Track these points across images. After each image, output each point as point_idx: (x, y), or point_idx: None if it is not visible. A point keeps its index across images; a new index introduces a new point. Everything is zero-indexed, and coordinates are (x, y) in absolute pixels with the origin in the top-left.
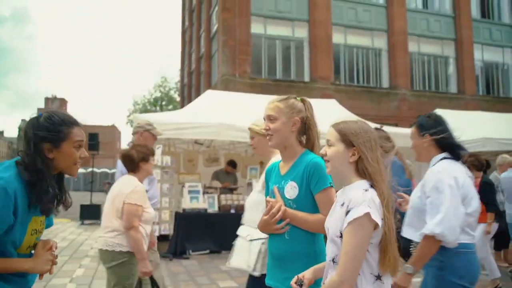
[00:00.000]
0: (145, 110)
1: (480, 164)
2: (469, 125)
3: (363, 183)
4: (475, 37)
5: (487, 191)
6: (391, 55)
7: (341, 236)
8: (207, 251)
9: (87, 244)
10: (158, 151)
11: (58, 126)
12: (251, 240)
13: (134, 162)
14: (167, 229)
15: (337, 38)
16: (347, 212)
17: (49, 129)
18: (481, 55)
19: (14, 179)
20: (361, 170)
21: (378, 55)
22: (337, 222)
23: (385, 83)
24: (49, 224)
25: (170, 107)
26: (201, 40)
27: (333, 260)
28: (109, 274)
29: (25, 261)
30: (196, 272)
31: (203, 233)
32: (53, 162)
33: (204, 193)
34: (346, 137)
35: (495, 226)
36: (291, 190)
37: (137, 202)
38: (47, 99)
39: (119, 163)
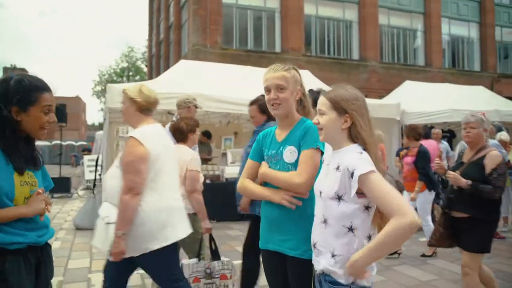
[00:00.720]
0: (111, 81)
1: (417, 134)
2: (437, 97)
3: (356, 147)
4: (442, 11)
5: (420, 160)
6: (362, 28)
7: (336, 198)
8: None
9: (60, 217)
10: None
11: (27, 91)
12: (107, 223)
13: (184, 133)
14: None
15: (309, 9)
16: (352, 174)
17: (19, 93)
18: (448, 29)
19: None
20: (354, 136)
21: (349, 27)
22: (334, 184)
23: (356, 55)
24: (48, 186)
25: (137, 78)
26: (170, 9)
27: (325, 221)
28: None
29: (20, 207)
30: None
31: None
32: (20, 125)
33: None
34: (338, 105)
35: (430, 195)
36: (290, 154)
37: (197, 168)
38: (5, 69)
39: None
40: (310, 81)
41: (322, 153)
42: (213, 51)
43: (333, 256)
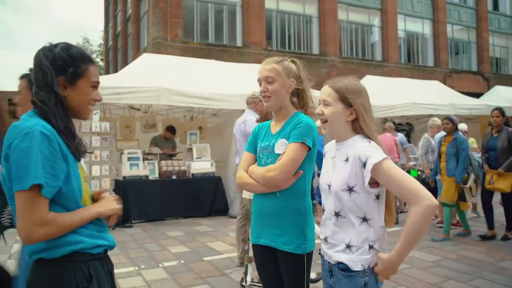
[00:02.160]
0: None
1: None
2: (396, 91)
3: (362, 138)
4: (398, 8)
5: None
6: (322, 22)
7: (348, 190)
8: (150, 219)
9: None
10: (95, 117)
11: (76, 60)
12: None
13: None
14: None
15: (270, 3)
16: (364, 164)
17: (67, 62)
18: (404, 25)
19: (47, 124)
20: (357, 128)
21: (309, 22)
22: (344, 177)
23: (316, 50)
24: None
25: None
26: (128, 1)
27: (337, 214)
28: None
29: (92, 206)
30: (143, 239)
31: (145, 200)
32: (66, 101)
33: (143, 159)
34: (345, 96)
35: None
36: (282, 146)
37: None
38: None
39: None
40: None
41: (309, 148)
42: (174, 45)
43: (348, 247)
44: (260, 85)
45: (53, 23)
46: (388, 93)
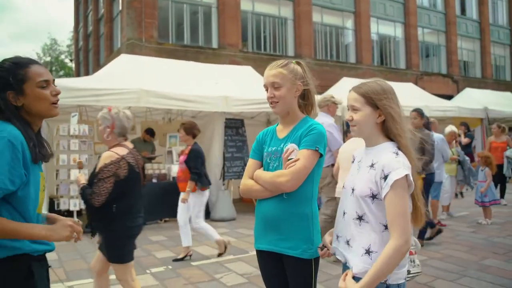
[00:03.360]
0: None
1: (195, 130)
2: None
3: (391, 146)
4: (371, 11)
5: (192, 159)
6: (297, 25)
7: (371, 196)
8: None
9: None
10: (73, 119)
11: (11, 71)
12: None
13: None
14: None
15: (245, 5)
16: (385, 177)
17: (4, 77)
18: (377, 28)
19: (16, 131)
20: (387, 130)
21: (284, 24)
22: (367, 183)
23: (291, 52)
24: None
25: (62, 73)
26: (100, 0)
27: (360, 218)
28: None
29: (44, 228)
30: None
31: None
32: (26, 110)
33: None
34: (371, 99)
35: (203, 196)
36: (293, 153)
37: None
38: None
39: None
40: (252, 77)
41: (321, 155)
42: (149, 46)
43: (367, 252)
44: (267, 90)
45: (18, 22)
46: None
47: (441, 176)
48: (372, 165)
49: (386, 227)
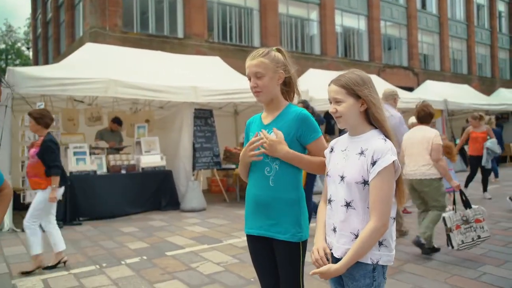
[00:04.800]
0: None
1: (49, 120)
2: None
3: (377, 133)
4: (336, 3)
5: (45, 151)
6: (262, 15)
7: (363, 183)
8: (100, 215)
9: None
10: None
11: None
12: None
13: (430, 117)
14: None
15: None
16: (374, 162)
17: None
18: (341, 20)
19: None
20: (370, 117)
21: (250, 14)
22: (358, 169)
23: (257, 42)
24: None
25: (18, 62)
26: None
27: (348, 205)
28: (425, 195)
29: None
30: (96, 237)
31: (94, 196)
32: None
33: (90, 154)
34: (353, 90)
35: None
36: (272, 135)
37: (440, 142)
38: None
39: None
40: (220, 67)
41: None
42: (113, 35)
43: (356, 237)
44: (249, 80)
45: None
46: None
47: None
48: (362, 152)
49: None
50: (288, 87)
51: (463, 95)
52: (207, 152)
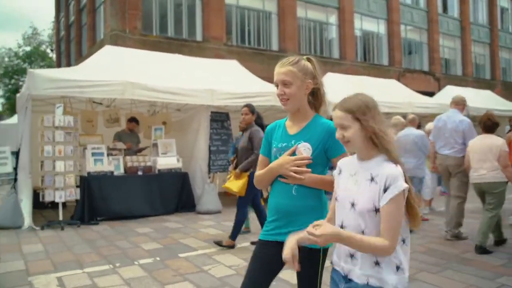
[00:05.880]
0: (12, 66)
1: None
2: (356, 89)
3: (385, 158)
4: (355, 7)
5: None
6: (281, 19)
7: (374, 210)
8: (116, 216)
9: None
10: (58, 110)
11: None
12: None
13: (496, 126)
14: (73, 194)
15: None
16: (386, 189)
17: None
18: (360, 24)
19: None
20: (376, 142)
21: (268, 18)
22: (370, 197)
23: (275, 46)
24: None
25: (43, 63)
26: None
27: (363, 232)
28: (491, 197)
29: None
30: (112, 236)
31: (111, 197)
32: None
33: (108, 155)
34: (357, 114)
35: None
36: (304, 151)
37: (507, 149)
38: None
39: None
40: (237, 71)
41: None
42: (133, 37)
43: (377, 263)
44: (277, 87)
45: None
46: (348, 91)
47: (423, 172)
48: (372, 179)
49: None
50: (315, 99)
51: (484, 101)
52: (223, 155)
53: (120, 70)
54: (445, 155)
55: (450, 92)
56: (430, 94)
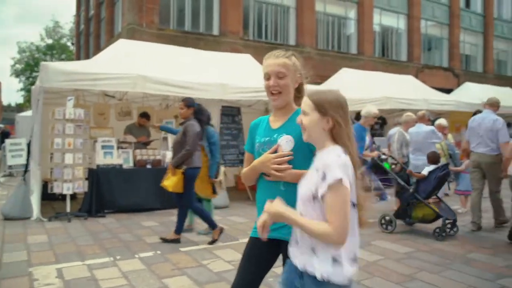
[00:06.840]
0: (33, 59)
1: None
2: (371, 84)
3: (337, 148)
4: (375, 2)
5: None
6: (299, 13)
7: (313, 198)
8: (124, 209)
9: None
10: (69, 103)
11: None
12: None
13: None
14: (81, 186)
15: None
16: (324, 176)
17: None
18: (379, 19)
19: None
20: (335, 136)
21: (286, 12)
22: (310, 184)
23: (292, 41)
24: None
25: (63, 56)
26: None
27: None
28: None
29: None
30: (117, 229)
31: (120, 190)
32: None
33: (118, 148)
34: (321, 106)
35: None
36: (286, 143)
37: None
38: None
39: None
40: (251, 65)
41: None
42: (149, 31)
43: (313, 250)
44: (267, 79)
45: (22, 3)
46: (363, 87)
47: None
48: (317, 169)
49: None
50: (299, 94)
51: (504, 98)
52: (233, 149)
53: (133, 64)
54: (480, 153)
55: (468, 89)
56: (449, 91)
